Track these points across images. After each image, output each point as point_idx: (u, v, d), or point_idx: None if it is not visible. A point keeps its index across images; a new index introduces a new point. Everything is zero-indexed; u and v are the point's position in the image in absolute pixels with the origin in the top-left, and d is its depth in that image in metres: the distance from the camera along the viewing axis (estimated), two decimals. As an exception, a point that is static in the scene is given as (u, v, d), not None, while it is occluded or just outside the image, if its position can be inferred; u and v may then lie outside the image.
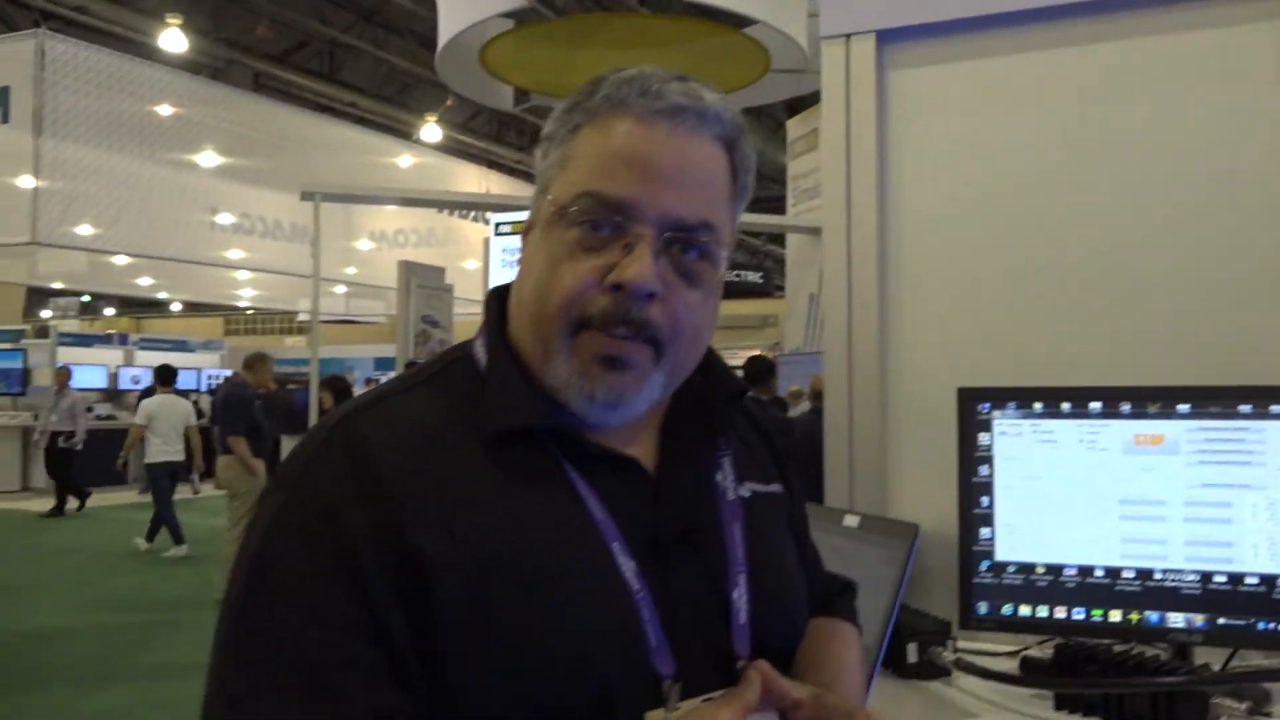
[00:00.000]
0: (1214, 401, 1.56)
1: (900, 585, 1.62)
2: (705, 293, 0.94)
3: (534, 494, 0.90)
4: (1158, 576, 1.56)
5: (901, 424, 1.98)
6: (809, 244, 7.92)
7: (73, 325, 18.69)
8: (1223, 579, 1.53)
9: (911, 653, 1.68)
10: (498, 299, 1.02)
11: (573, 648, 0.86)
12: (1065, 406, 1.63)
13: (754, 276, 10.93)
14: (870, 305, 2.00)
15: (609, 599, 0.88)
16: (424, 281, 9.77)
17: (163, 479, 9.10)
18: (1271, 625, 1.50)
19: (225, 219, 13.28)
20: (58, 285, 17.22)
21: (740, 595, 0.97)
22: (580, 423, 0.93)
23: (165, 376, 9.95)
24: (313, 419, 8.83)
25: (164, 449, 9.00)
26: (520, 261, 0.98)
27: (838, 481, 2.01)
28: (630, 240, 0.89)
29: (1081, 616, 1.60)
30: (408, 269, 9.72)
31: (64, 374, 12.45)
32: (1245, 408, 1.54)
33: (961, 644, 1.74)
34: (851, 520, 1.78)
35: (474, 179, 15.57)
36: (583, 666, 0.86)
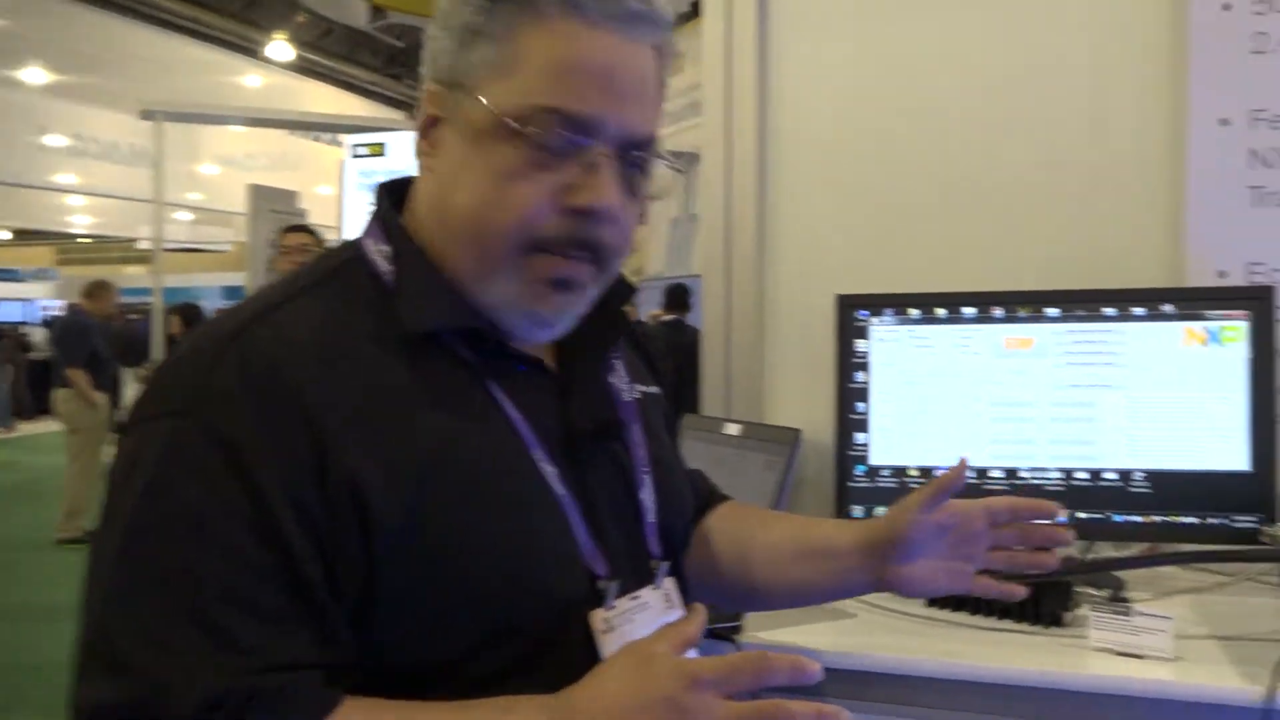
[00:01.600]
0: (1080, 305, 1.61)
1: (782, 491, 1.63)
2: (640, 205, 0.92)
3: (454, 400, 0.85)
4: (1024, 475, 1.61)
5: (780, 334, 2.00)
6: (671, 169, 7.89)
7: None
8: (1084, 475, 1.59)
9: (789, 557, 1.70)
10: (390, 195, 0.95)
11: (515, 556, 0.83)
12: (940, 312, 1.66)
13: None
14: (748, 221, 2.01)
15: (539, 503, 0.86)
16: (275, 206, 9.38)
17: None
18: (1127, 517, 1.57)
19: (56, 140, 12.48)
20: None
21: (648, 495, 0.96)
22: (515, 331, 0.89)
23: None
24: (157, 350, 8.47)
25: None
26: (431, 159, 0.90)
27: (715, 392, 2.02)
28: (591, 160, 0.84)
29: (952, 516, 1.64)
30: (257, 193, 9.30)
31: None
32: (1109, 310, 1.59)
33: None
34: (733, 428, 1.78)
35: (328, 100, 14.97)
36: (526, 573, 0.83)
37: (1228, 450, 1.55)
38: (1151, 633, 1.31)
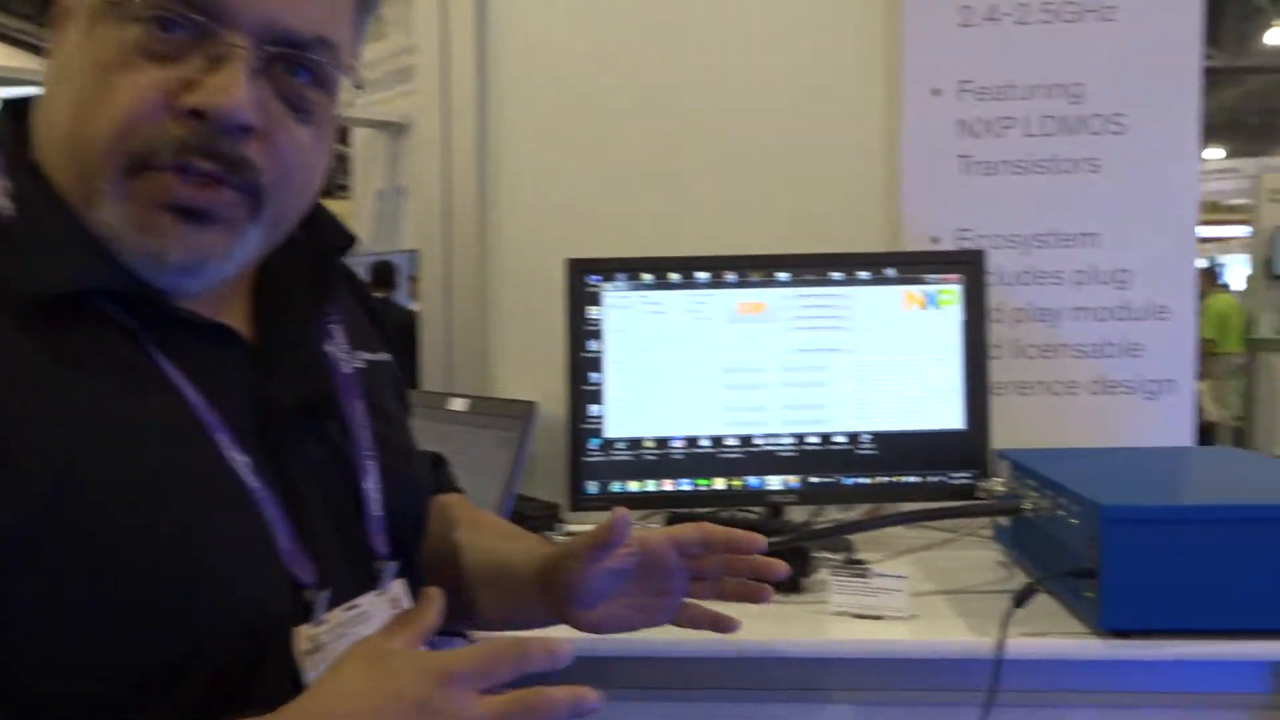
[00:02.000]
0: (809, 269, 1.60)
1: (516, 469, 1.53)
2: (318, 130, 0.74)
3: (106, 380, 0.67)
4: (758, 441, 1.59)
5: (507, 304, 1.88)
6: (376, 140, 7.54)
7: None
8: (815, 440, 1.59)
9: (522, 538, 1.60)
10: (13, 116, 0.74)
11: (192, 565, 0.66)
12: (674, 277, 1.61)
13: (314, 175, 10.28)
14: (469, 189, 1.88)
15: (225, 500, 0.69)
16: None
17: None
18: (855, 479, 1.59)
19: None
20: None
21: (372, 484, 0.81)
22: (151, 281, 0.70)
23: None
24: None
25: None
26: (49, 67, 0.72)
27: (436, 367, 1.88)
28: (218, 51, 0.67)
29: (689, 487, 1.60)
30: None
31: None
32: (836, 275, 1.60)
33: (572, 527, 1.69)
34: (459, 404, 1.65)
35: (-33, 50, 13.21)
36: (209, 586, 0.66)
37: (945, 410, 1.60)
38: (888, 593, 1.32)
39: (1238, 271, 8.96)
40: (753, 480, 1.60)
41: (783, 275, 1.60)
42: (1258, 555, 1.17)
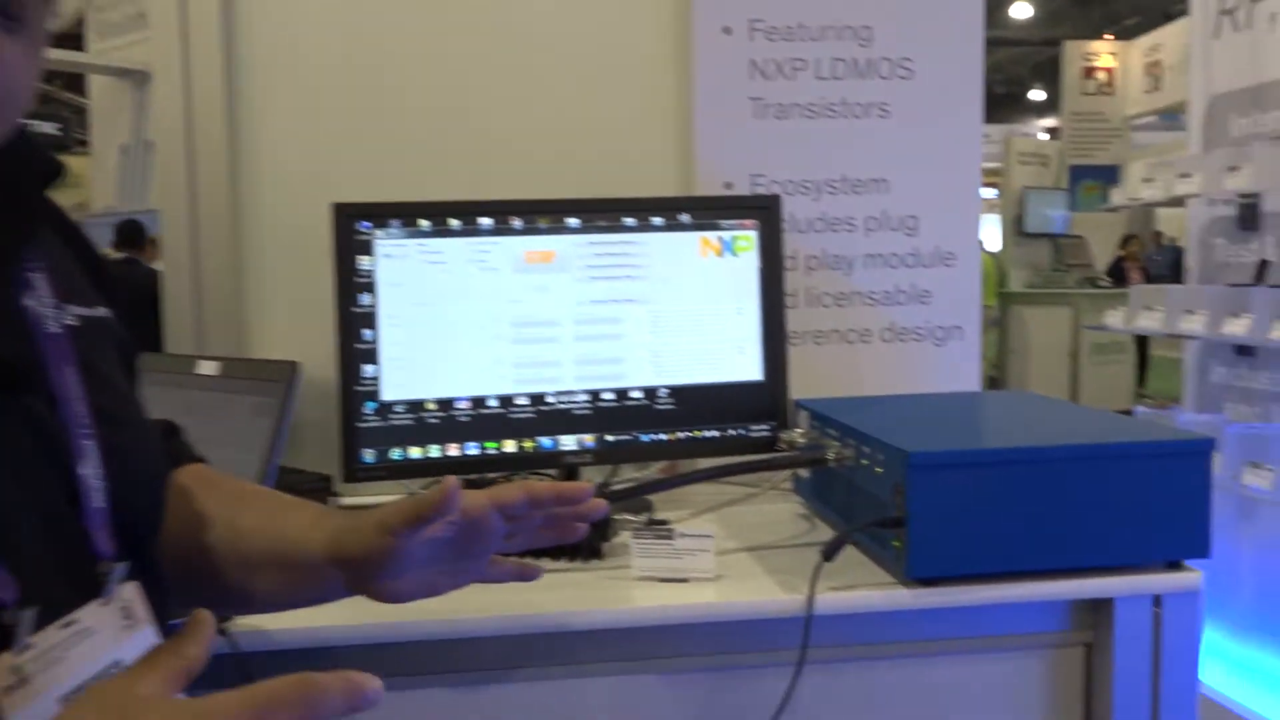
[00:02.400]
0: (601, 215, 1.50)
1: (278, 438, 1.35)
2: (28, 43, 0.59)
3: None
4: (550, 400, 1.49)
5: (265, 258, 1.69)
6: (117, 89, 6.92)
7: None
8: (610, 396, 1.50)
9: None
10: None
11: None
12: (454, 224, 1.47)
13: (50, 128, 9.25)
14: (216, 140, 1.68)
15: None
16: None
17: None
18: (653, 436, 1.51)
19: None
20: None
21: (91, 469, 0.65)
22: None
23: None
24: None
25: None
26: None
27: (182, 329, 1.68)
28: None
29: (476, 451, 1.48)
30: None
31: None
32: (629, 220, 1.51)
33: (346, 500, 1.54)
34: (208, 367, 1.46)
35: None
36: None
37: (743, 361, 1.54)
38: (694, 554, 1.25)
39: (989, 230, 9.58)
40: (546, 441, 1.49)
41: (573, 221, 1.49)
42: (1057, 495, 1.17)
